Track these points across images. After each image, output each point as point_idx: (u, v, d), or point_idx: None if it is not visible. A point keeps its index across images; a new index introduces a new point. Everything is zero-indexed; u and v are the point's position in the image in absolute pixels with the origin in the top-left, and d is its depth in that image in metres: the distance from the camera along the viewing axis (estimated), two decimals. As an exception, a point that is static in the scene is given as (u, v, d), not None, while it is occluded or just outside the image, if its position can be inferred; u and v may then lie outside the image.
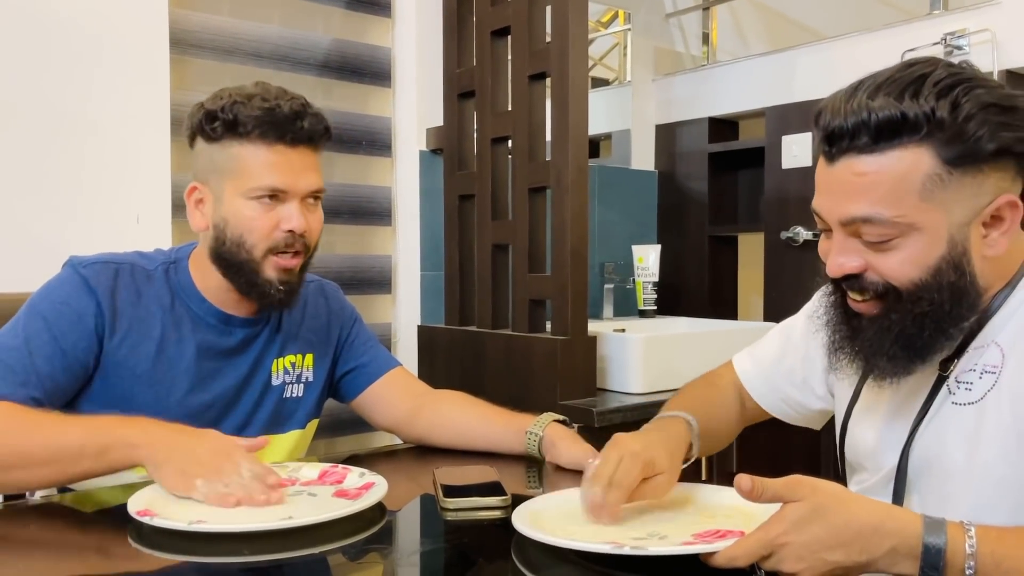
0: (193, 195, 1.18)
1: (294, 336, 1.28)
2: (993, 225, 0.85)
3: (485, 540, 0.93)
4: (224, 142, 1.13)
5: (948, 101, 0.80)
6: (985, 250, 0.86)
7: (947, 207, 0.83)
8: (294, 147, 1.13)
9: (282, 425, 1.26)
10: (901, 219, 0.83)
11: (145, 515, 0.90)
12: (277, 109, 1.11)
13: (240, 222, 1.13)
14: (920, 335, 0.87)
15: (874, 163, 0.82)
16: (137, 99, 1.66)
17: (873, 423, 1.01)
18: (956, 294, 0.85)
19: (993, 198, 0.84)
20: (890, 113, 0.80)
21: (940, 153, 0.81)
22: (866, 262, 0.87)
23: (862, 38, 2.10)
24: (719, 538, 0.80)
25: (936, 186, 0.82)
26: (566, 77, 1.69)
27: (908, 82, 0.81)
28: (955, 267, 0.84)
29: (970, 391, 0.90)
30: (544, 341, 1.73)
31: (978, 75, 0.84)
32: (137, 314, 1.15)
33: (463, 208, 2.01)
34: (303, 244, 1.17)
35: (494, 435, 1.25)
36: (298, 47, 1.93)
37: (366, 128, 2.04)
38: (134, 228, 1.65)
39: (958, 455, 0.89)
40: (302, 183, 1.14)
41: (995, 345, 0.89)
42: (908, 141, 0.81)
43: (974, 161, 0.81)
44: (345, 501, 0.99)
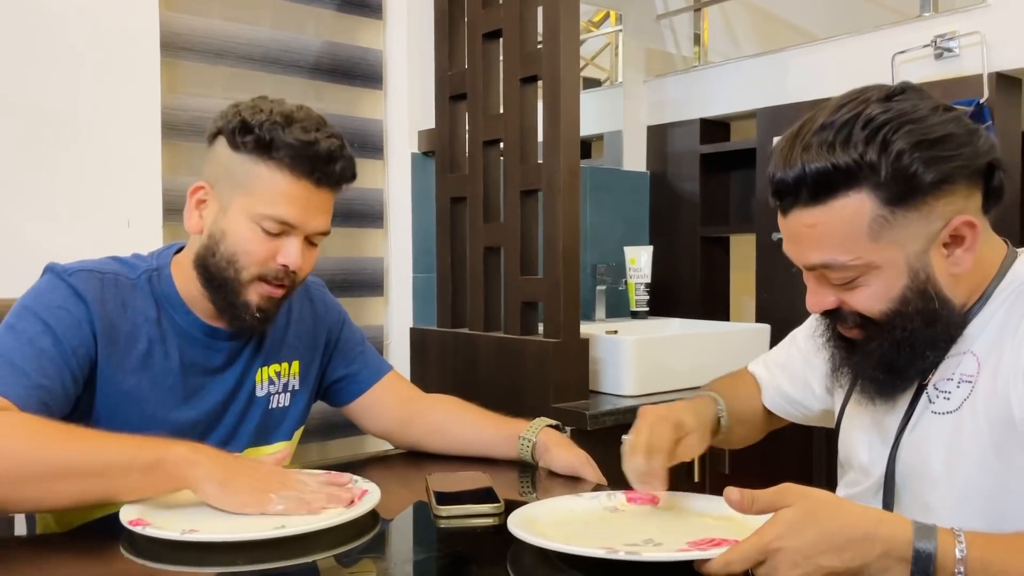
0: (197, 194, 1.13)
1: (279, 344, 1.24)
2: (955, 244, 0.88)
3: (478, 548, 0.93)
4: (252, 157, 1.08)
5: (877, 144, 0.82)
6: (952, 268, 0.88)
7: (899, 242, 0.86)
8: (319, 187, 1.10)
9: (267, 437, 1.23)
10: (857, 261, 0.86)
11: (138, 524, 0.89)
12: (315, 144, 1.07)
13: (238, 241, 1.09)
14: (897, 358, 0.91)
15: (819, 215, 0.86)
16: (127, 102, 1.64)
17: (862, 425, 1.03)
18: (928, 318, 0.88)
19: (946, 222, 0.86)
20: (823, 166, 0.84)
21: (879, 196, 0.84)
22: (839, 298, 0.91)
23: (853, 40, 2.10)
24: (714, 546, 0.80)
25: (882, 227, 0.85)
26: (558, 80, 1.69)
27: (840, 126, 0.84)
28: (921, 294, 0.88)
29: (948, 400, 0.92)
30: (536, 343, 1.73)
31: (913, 103, 0.85)
32: (124, 327, 1.10)
33: (455, 210, 2.01)
34: (291, 280, 1.13)
35: (487, 441, 1.24)
36: (289, 49, 1.92)
37: (357, 130, 2.03)
38: (125, 232, 1.63)
39: (938, 464, 0.91)
40: (312, 223, 1.11)
41: (971, 354, 0.91)
42: (847, 190, 0.84)
43: (916, 196, 0.84)
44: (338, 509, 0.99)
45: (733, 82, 2.38)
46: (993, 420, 0.87)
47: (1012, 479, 0.86)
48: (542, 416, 1.25)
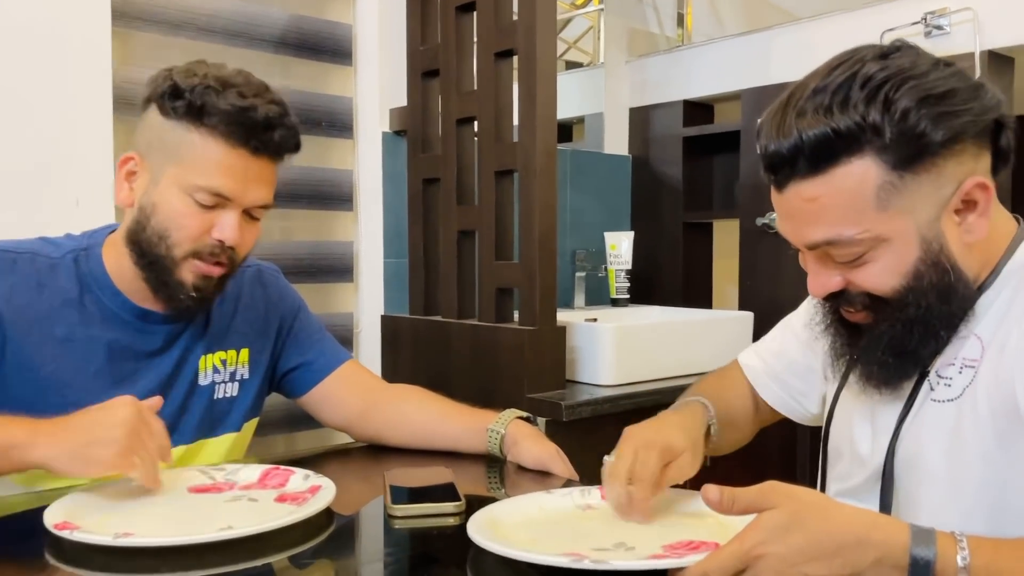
0: (127, 165, 1.06)
1: (225, 330, 1.17)
2: (967, 210, 0.81)
3: (436, 550, 0.86)
4: (183, 123, 1.01)
5: (879, 103, 0.76)
6: (965, 237, 0.81)
7: (909, 210, 0.79)
8: (256, 156, 1.03)
9: (214, 429, 1.16)
10: (865, 235, 0.79)
11: (64, 528, 0.81)
12: (252, 110, 1.01)
13: (169, 215, 1.02)
14: (910, 340, 0.83)
15: (820, 186, 0.79)
16: (76, 74, 1.55)
17: (859, 414, 0.96)
18: (943, 293, 0.81)
19: (957, 185, 0.79)
20: (822, 131, 0.77)
21: (885, 160, 0.77)
22: (845, 279, 0.84)
23: (840, 18, 2.04)
24: (691, 550, 0.74)
25: (891, 194, 0.78)
26: (534, 54, 1.61)
27: (835, 88, 0.77)
28: (935, 266, 0.80)
29: (949, 387, 0.85)
30: (511, 332, 1.66)
31: (912, 60, 0.79)
32: (38, 309, 1.03)
33: (428, 192, 1.93)
34: (229, 257, 1.06)
35: (453, 433, 1.17)
36: (254, 22, 1.83)
37: (326, 108, 1.95)
38: (74, 212, 1.55)
39: (937, 455, 0.84)
40: (250, 196, 1.04)
41: (975, 337, 0.84)
42: (849, 156, 0.77)
43: (925, 157, 0.77)
44: (288, 507, 0.92)
45: (717, 62, 2.32)
46: (996, 408, 0.80)
47: (1016, 472, 0.79)
48: (514, 407, 1.18)
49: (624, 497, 0.85)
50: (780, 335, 1.15)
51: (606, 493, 0.89)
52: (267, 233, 1.91)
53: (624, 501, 0.85)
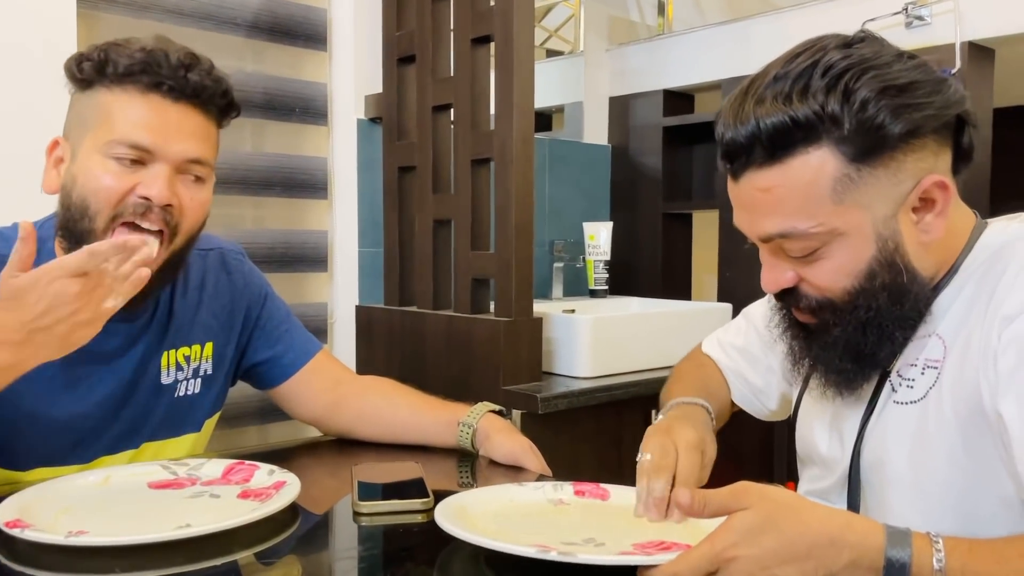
0: (55, 151, 1.00)
1: (188, 323, 1.11)
2: (925, 209, 0.78)
3: (404, 547, 0.84)
4: (93, 89, 0.95)
5: (839, 92, 0.74)
6: (921, 236, 0.79)
7: (866, 204, 0.77)
8: (175, 101, 0.95)
9: (175, 429, 1.11)
10: (819, 228, 0.77)
11: (15, 527, 0.78)
12: (159, 53, 0.94)
13: (88, 181, 0.94)
14: (864, 343, 0.81)
15: (776, 176, 0.77)
16: (39, 57, 1.50)
17: (822, 418, 0.94)
18: (895, 294, 0.79)
19: (916, 182, 0.77)
20: (780, 120, 0.74)
21: (843, 151, 0.75)
22: (798, 274, 0.81)
23: (821, 7, 2.02)
24: (661, 550, 0.72)
25: (847, 187, 0.76)
26: (511, 41, 1.58)
27: (796, 76, 0.75)
28: (889, 266, 0.78)
29: (912, 388, 0.82)
30: (487, 323, 1.64)
31: (875, 50, 0.77)
32: None
33: (403, 180, 1.90)
34: (164, 220, 0.95)
35: (424, 427, 1.15)
36: (225, 5, 1.78)
37: (299, 94, 1.90)
38: (36, 199, 1.50)
39: (902, 459, 0.82)
40: (176, 146, 0.95)
41: (936, 337, 0.82)
42: (806, 146, 0.75)
43: (883, 150, 0.75)
44: (252, 503, 0.89)
45: (698, 52, 2.30)
46: (960, 410, 0.78)
47: (982, 475, 0.77)
48: (489, 399, 1.16)
49: (663, 492, 0.79)
50: (744, 330, 1.13)
51: (646, 488, 0.80)
52: (239, 221, 1.88)
53: (661, 496, 0.79)
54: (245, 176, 1.81)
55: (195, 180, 0.99)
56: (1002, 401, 0.73)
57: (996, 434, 0.75)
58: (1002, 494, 0.76)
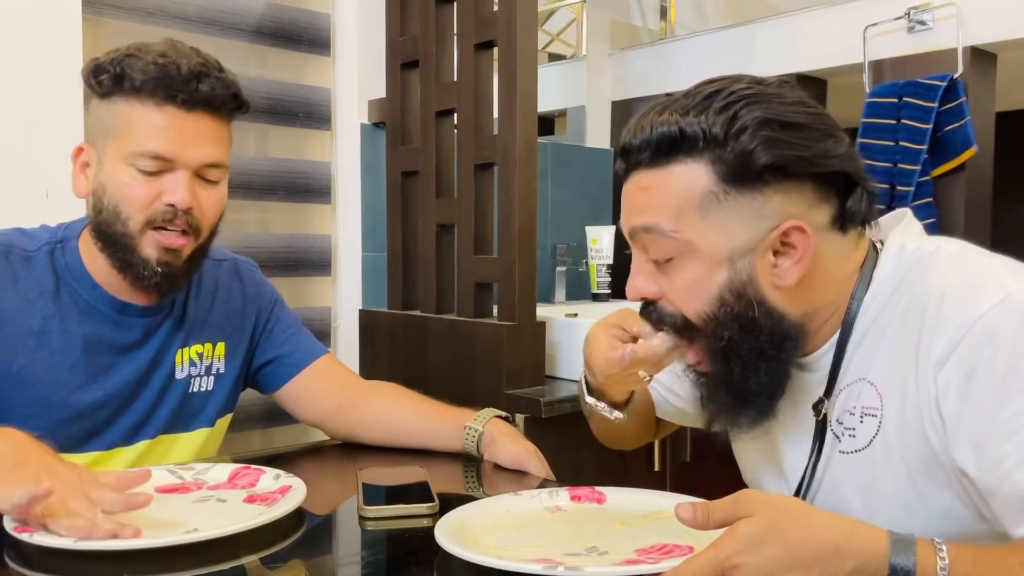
0: (80, 156, 1.06)
1: (202, 323, 1.16)
2: (784, 254, 0.80)
3: (409, 552, 0.84)
4: (112, 99, 1.00)
5: (727, 116, 0.78)
6: (776, 280, 0.80)
7: (726, 228, 0.80)
8: (189, 111, 1.00)
9: (188, 423, 1.15)
10: (678, 234, 0.81)
11: (24, 531, 0.79)
12: (171, 66, 0.99)
13: (117, 189, 1.01)
14: (731, 373, 0.82)
15: (655, 177, 0.82)
16: (46, 63, 1.51)
17: (761, 457, 0.95)
18: (746, 326, 0.81)
19: (778, 223, 0.79)
20: (669, 129, 0.80)
21: (716, 170, 0.79)
22: (659, 288, 0.85)
23: (823, 12, 2.03)
24: (665, 555, 0.72)
25: (713, 204, 0.80)
26: (514, 46, 1.59)
27: (700, 98, 0.80)
28: (739, 297, 0.80)
29: (854, 437, 0.83)
30: (490, 327, 1.64)
31: (780, 92, 0.80)
32: (13, 302, 1.01)
33: (406, 185, 1.91)
34: (188, 223, 1.03)
35: (429, 431, 1.16)
36: (228, 10, 1.79)
37: (303, 99, 1.91)
38: (43, 204, 1.51)
39: (857, 506, 0.83)
40: (193, 153, 1.01)
41: (868, 384, 0.83)
42: (686, 156, 0.80)
43: (748, 179, 0.78)
44: (258, 507, 0.90)
45: (700, 56, 2.30)
46: (910, 458, 0.78)
47: (940, 516, 0.78)
48: (492, 403, 1.17)
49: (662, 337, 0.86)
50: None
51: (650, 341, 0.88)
52: (243, 225, 1.89)
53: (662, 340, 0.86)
54: (249, 181, 1.82)
55: (212, 180, 1.05)
56: (956, 450, 0.74)
57: (952, 478, 0.76)
58: (962, 531, 0.77)
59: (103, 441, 1.08)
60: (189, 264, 1.06)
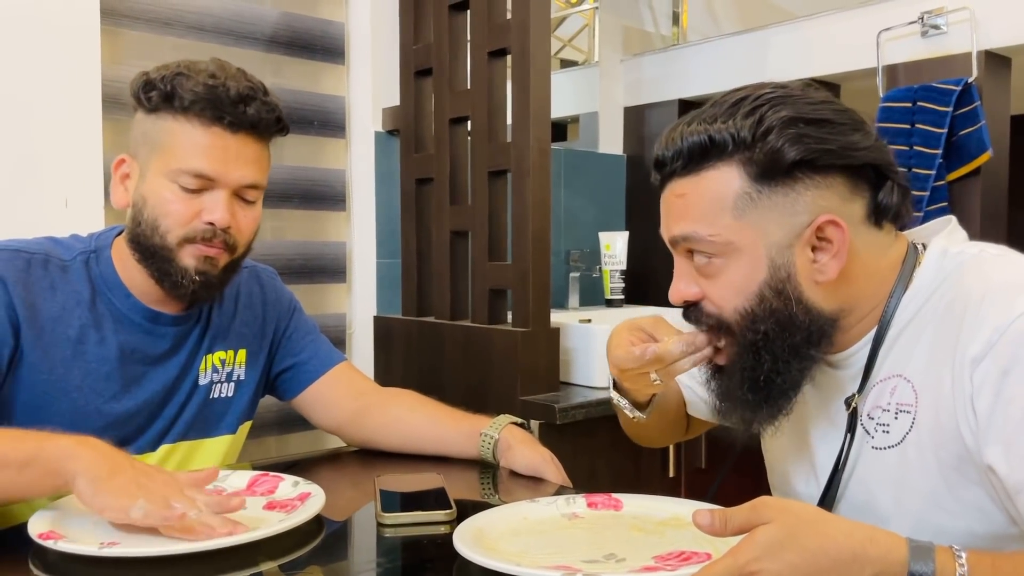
0: (121, 168, 1.08)
1: (225, 330, 1.17)
2: (822, 249, 0.81)
3: (427, 558, 0.85)
4: (159, 114, 1.03)
5: (754, 119, 0.81)
6: (816, 276, 0.82)
7: (762, 227, 0.82)
8: (234, 132, 1.03)
9: (209, 430, 1.16)
10: (717, 237, 0.82)
11: (49, 538, 0.80)
12: (221, 88, 1.01)
13: (158, 204, 1.03)
14: (759, 367, 0.83)
15: (689, 184, 0.84)
16: (65, 73, 1.53)
17: (791, 454, 0.95)
18: (784, 322, 0.82)
19: (812, 218, 0.80)
20: (699, 138, 0.83)
21: (748, 171, 0.81)
22: (700, 289, 0.87)
23: (836, 16, 2.02)
24: (683, 561, 0.72)
25: (747, 204, 0.81)
26: (527, 53, 1.60)
27: (727, 106, 0.83)
28: (778, 293, 0.82)
29: (888, 433, 0.84)
30: (504, 333, 1.65)
31: (805, 93, 0.83)
32: (52, 312, 1.02)
33: (421, 192, 1.92)
34: (225, 241, 1.05)
35: (445, 438, 1.16)
36: (244, 20, 1.81)
37: (318, 107, 1.93)
38: (62, 212, 1.53)
39: (887, 502, 0.84)
40: (235, 174, 1.03)
41: (903, 380, 0.83)
42: (717, 161, 0.82)
43: (779, 176, 0.80)
44: (278, 514, 0.91)
45: (713, 62, 2.30)
46: (942, 456, 0.79)
47: (971, 516, 0.78)
48: (507, 409, 1.18)
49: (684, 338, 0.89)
50: None
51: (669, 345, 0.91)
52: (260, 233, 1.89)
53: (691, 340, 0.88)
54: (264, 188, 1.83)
55: (249, 200, 1.08)
56: (987, 448, 0.74)
57: (984, 476, 0.76)
58: (993, 532, 0.77)
59: (132, 448, 1.09)
60: (224, 275, 1.08)
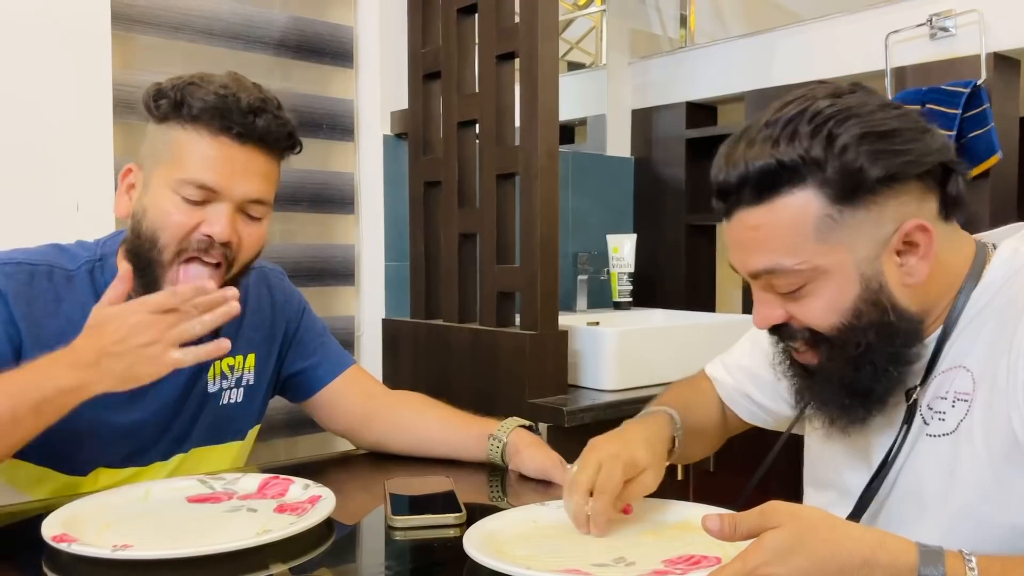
0: (128, 177, 1.06)
1: (233, 336, 1.15)
2: (908, 252, 0.81)
3: (437, 561, 0.85)
4: (168, 124, 1.01)
5: (822, 138, 0.78)
6: (905, 279, 0.82)
7: (848, 245, 0.80)
8: (242, 144, 1.00)
9: (221, 436, 1.15)
10: (804, 265, 0.81)
11: (62, 541, 0.81)
12: (232, 98, 0.99)
13: (158, 216, 1.00)
14: (859, 378, 0.83)
15: (763, 215, 0.81)
16: (76, 78, 1.54)
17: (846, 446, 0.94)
18: (883, 332, 0.82)
19: (897, 226, 0.80)
20: (766, 163, 0.79)
21: (826, 193, 0.79)
22: (787, 312, 0.85)
23: (844, 19, 2.02)
24: (692, 565, 0.73)
25: (830, 227, 0.80)
26: (535, 57, 1.60)
27: (785, 123, 0.80)
28: (875, 305, 0.81)
29: (943, 421, 0.84)
30: (512, 336, 1.65)
31: (861, 100, 0.81)
32: (57, 325, 1.01)
33: (429, 195, 1.92)
34: (224, 255, 1.02)
35: (454, 441, 1.16)
36: (253, 24, 1.81)
37: (327, 111, 1.93)
38: (73, 216, 1.54)
39: (934, 490, 0.84)
40: (240, 187, 1.00)
41: (964, 370, 0.84)
42: (791, 187, 0.80)
43: (862, 193, 0.79)
44: (288, 517, 0.91)
45: (721, 64, 2.30)
46: (992, 443, 0.79)
47: (1014, 508, 0.78)
48: (515, 412, 1.18)
49: (583, 508, 0.84)
50: (749, 351, 1.14)
51: (565, 504, 0.87)
52: (268, 236, 1.89)
53: (582, 512, 0.84)
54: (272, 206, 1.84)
55: (254, 216, 1.05)
56: None
57: None
58: None
59: (145, 458, 1.09)
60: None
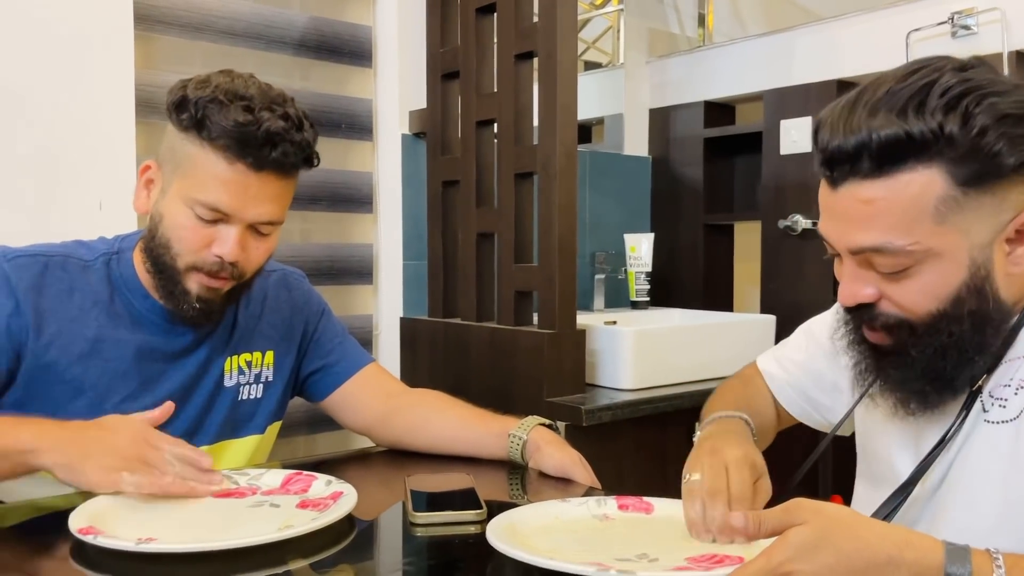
0: (147, 173, 1.08)
1: (251, 332, 1.18)
2: (1018, 240, 0.78)
3: (457, 559, 0.86)
4: (188, 136, 1.02)
5: (958, 114, 0.73)
6: (1010, 268, 0.78)
7: (965, 229, 0.76)
8: (257, 171, 1.01)
9: (238, 430, 1.17)
10: (915, 247, 0.76)
11: (88, 533, 0.82)
12: (252, 125, 0.99)
13: (172, 226, 1.03)
14: (945, 367, 0.79)
15: (881, 189, 0.75)
16: (99, 78, 1.56)
17: (898, 433, 0.92)
18: (978, 322, 0.78)
19: (1016, 213, 0.76)
20: (894, 133, 0.73)
21: (953, 173, 0.74)
22: (880, 291, 0.80)
23: (863, 17, 2.01)
24: (716, 564, 0.72)
25: (951, 209, 0.75)
26: (554, 56, 1.60)
27: (912, 93, 0.74)
28: (977, 292, 0.77)
29: (1004, 408, 0.81)
30: (530, 335, 1.65)
31: (991, 78, 0.75)
32: (68, 312, 1.05)
33: (447, 194, 1.93)
34: (231, 272, 1.05)
35: (474, 439, 1.17)
36: (273, 24, 1.83)
37: (345, 111, 1.95)
38: (97, 215, 1.55)
39: (991, 477, 0.81)
40: (251, 212, 1.03)
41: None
42: (916, 163, 0.74)
43: (994, 178, 0.74)
44: (311, 513, 0.92)
45: (739, 63, 2.30)
46: None
47: None
48: (533, 411, 1.18)
49: (727, 517, 0.75)
50: (804, 345, 1.11)
51: (694, 512, 0.80)
52: (287, 235, 1.92)
53: (723, 524, 0.76)
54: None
55: (263, 232, 1.07)
56: None
57: None
58: None
59: None
60: (227, 297, 1.09)
